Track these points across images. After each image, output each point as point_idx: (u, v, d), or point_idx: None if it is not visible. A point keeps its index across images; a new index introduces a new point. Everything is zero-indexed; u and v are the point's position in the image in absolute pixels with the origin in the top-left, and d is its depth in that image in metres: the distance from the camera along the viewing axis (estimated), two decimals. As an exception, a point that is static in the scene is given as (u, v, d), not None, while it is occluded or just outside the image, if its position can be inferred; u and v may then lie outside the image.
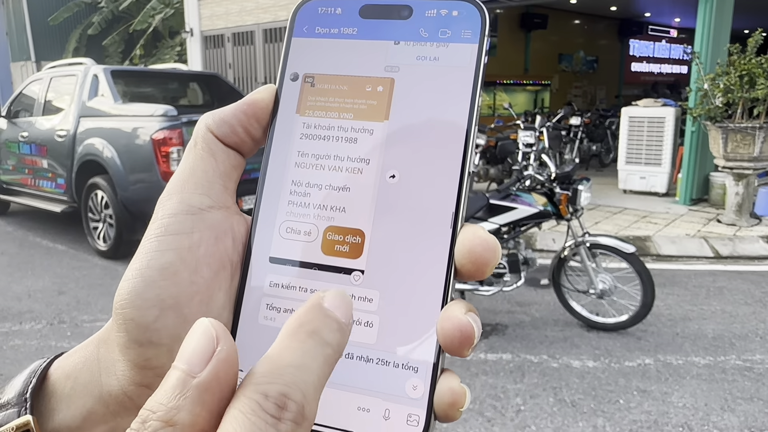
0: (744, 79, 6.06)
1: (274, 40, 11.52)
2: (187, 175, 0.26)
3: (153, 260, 0.24)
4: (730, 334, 3.84)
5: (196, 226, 0.26)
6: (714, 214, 6.82)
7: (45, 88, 6.64)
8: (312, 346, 0.19)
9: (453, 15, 0.27)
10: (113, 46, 18.32)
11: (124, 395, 0.25)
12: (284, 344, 0.19)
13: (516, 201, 3.78)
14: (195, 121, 5.35)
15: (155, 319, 0.24)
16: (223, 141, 0.27)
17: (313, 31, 0.28)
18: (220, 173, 0.27)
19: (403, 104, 0.26)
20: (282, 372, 0.18)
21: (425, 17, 0.27)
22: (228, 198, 0.27)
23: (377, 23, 0.27)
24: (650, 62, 17.56)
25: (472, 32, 0.27)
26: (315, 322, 0.20)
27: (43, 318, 4.25)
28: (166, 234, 0.25)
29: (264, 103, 0.27)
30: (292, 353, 0.19)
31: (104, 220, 5.82)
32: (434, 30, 0.27)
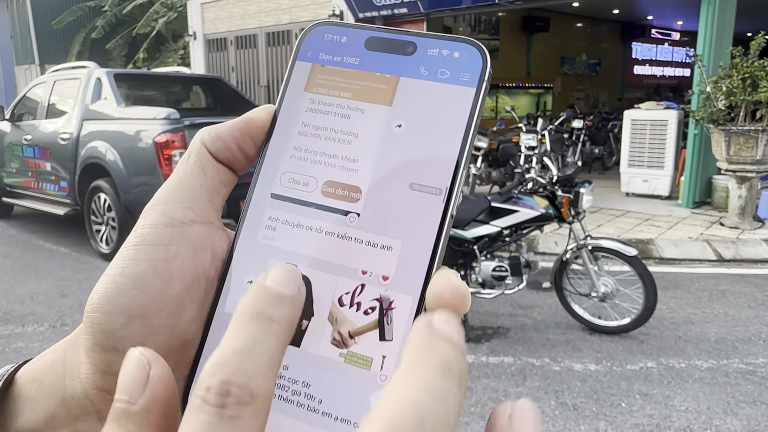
0: (747, 82, 6.05)
1: (277, 43, 11.55)
2: (174, 188, 0.27)
3: (127, 268, 0.25)
4: (733, 337, 3.83)
5: (175, 239, 0.26)
6: (717, 217, 6.81)
7: (48, 92, 6.67)
8: (256, 328, 0.19)
9: (454, 56, 0.27)
10: (116, 49, 18.37)
11: (86, 399, 0.26)
12: (229, 333, 0.19)
13: (518, 204, 3.78)
14: (198, 124, 5.40)
15: (121, 326, 0.25)
16: (215, 156, 0.27)
17: (317, 57, 0.28)
18: (207, 188, 0.27)
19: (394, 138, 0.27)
20: (224, 361, 0.18)
21: (427, 56, 0.27)
22: (212, 213, 0.27)
23: (381, 56, 0.28)
24: (653, 65, 17.55)
25: (471, 76, 0.27)
26: (257, 304, 0.20)
27: (45, 320, 4.26)
28: (143, 244, 0.25)
29: (261, 122, 0.28)
30: (235, 341, 0.19)
31: (107, 222, 5.83)
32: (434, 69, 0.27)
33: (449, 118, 0.26)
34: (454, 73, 0.27)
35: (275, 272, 0.21)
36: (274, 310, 0.20)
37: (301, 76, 0.29)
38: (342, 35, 0.28)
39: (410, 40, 0.28)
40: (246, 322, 0.19)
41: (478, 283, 3.83)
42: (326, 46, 0.29)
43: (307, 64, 0.29)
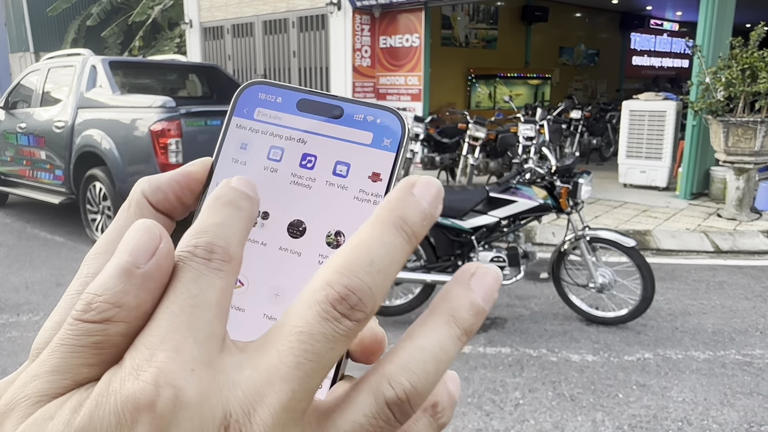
0: (746, 73, 6.03)
1: (274, 31, 11.47)
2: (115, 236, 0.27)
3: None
4: (730, 328, 3.83)
5: None
6: (714, 209, 6.81)
7: (43, 79, 6.61)
8: (229, 211, 0.23)
9: (377, 122, 0.29)
10: (112, 37, 18.25)
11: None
12: (205, 213, 0.23)
13: (516, 194, 3.76)
14: (193, 112, 5.36)
15: None
16: (155, 206, 0.29)
17: (252, 114, 0.30)
18: None
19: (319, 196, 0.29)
20: (206, 230, 0.22)
21: (353, 120, 0.29)
22: None
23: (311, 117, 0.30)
24: (651, 56, 17.51)
25: (392, 141, 0.29)
26: (228, 195, 0.23)
27: (40, 310, 4.24)
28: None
29: (198, 175, 0.29)
30: (212, 217, 0.22)
31: (102, 211, 5.80)
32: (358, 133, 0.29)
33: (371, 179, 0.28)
34: (377, 138, 0.29)
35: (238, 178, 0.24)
36: (242, 202, 0.23)
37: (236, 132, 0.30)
38: (276, 95, 0.30)
39: (337, 104, 0.30)
40: (221, 206, 0.23)
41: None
42: (261, 104, 0.30)
43: (243, 120, 0.30)
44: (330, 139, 0.29)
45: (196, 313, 0.20)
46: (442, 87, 11.16)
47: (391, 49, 10.16)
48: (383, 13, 10.10)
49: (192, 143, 5.33)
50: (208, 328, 0.20)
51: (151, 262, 0.21)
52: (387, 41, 10.19)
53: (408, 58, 9.96)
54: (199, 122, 5.42)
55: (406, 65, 10.01)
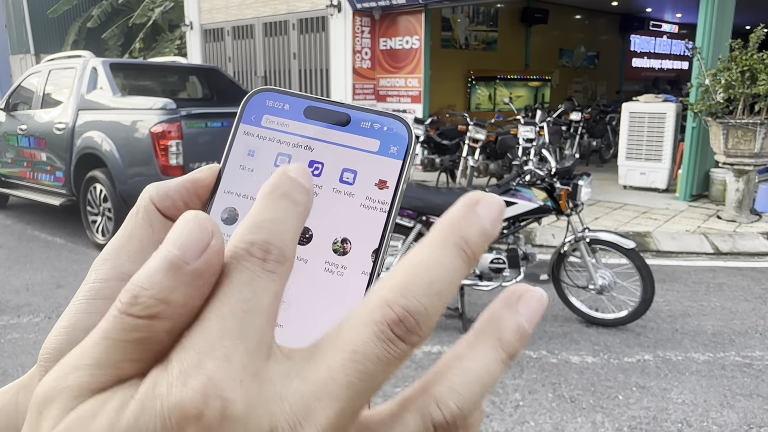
0: (745, 75, 6.04)
1: (274, 33, 11.49)
2: (123, 242, 0.28)
3: (80, 321, 0.26)
4: (730, 330, 3.83)
5: None
6: (714, 211, 6.81)
7: (44, 81, 6.62)
8: (285, 205, 0.22)
9: (384, 130, 0.29)
10: (113, 39, 18.26)
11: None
12: (261, 204, 0.22)
13: (516, 196, 3.77)
14: (194, 114, 5.37)
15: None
16: (163, 213, 0.29)
17: (259, 122, 0.30)
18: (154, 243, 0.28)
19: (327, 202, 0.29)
20: (262, 225, 0.21)
21: (360, 128, 0.29)
22: None
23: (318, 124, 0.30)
24: (651, 58, 17.52)
25: (399, 149, 0.29)
26: (284, 186, 0.22)
27: (41, 311, 4.24)
28: (95, 298, 0.27)
29: (206, 182, 0.30)
30: (268, 211, 0.22)
31: (103, 213, 5.81)
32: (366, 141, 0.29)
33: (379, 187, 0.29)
34: (384, 146, 0.29)
35: (294, 167, 0.23)
36: (299, 195, 0.22)
37: (244, 139, 0.31)
38: (284, 102, 0.31)
39: (345, 111, 0.30)
40: (276, 199, 0.22)
41: (475, 275, 3.83)
42: (268, 111, 0.31)
43: (250, 127, 0.31)
44: (337, 146, 0.29)
45: (248, 319, 0.20)
46: (442, 89, 11.17)
47: (391, 51, 10.18)
48: (383, 15, 10.11)
49: (192, 145, 5.33)
50: (258, 336, 0.20)
51: (201, 258, 0.20)
52: (387, 43, 10.20)
53: (408, 60, 9.97)
54: (199, 124, 5.43)
55: (406, 67, 10.02)
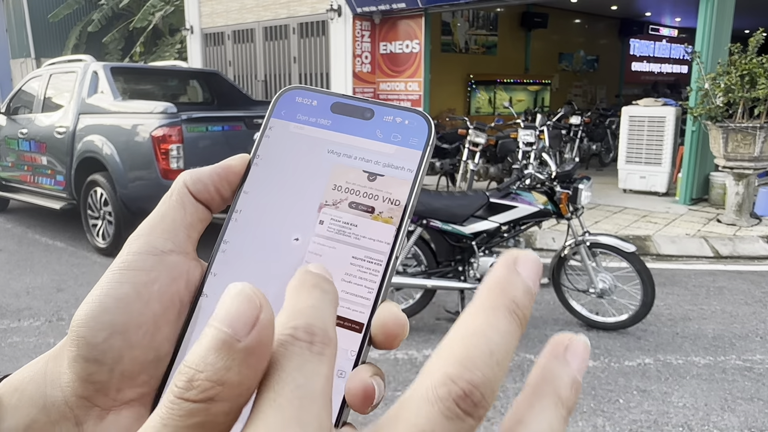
0: (745, 79, 6.05)
1: (275, 37, 11.51)
2: (157, 221, 0.31)
3: (112, 290, 0.28)
4: (730, 334, 3.83)
5: (156, 266, 0.29)
6: (714, 214, 6.82)
7: (44, 85, 6.63)
8: (318, 294, 0.23)
9: (405, 123, 0.31)
10: (113, 43, 18.29)
11: (65, 405, 0.28)
12: (294, 297, 0.23)
13: (516, 199, 3.77)
14: (195, 118, 5.39)
15: (103, 340, 0.28)
16: (195, 196, 0.31)
17: (289, 116, 0.33)
18: (186, 224, 0.31)
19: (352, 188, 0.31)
20: (302, 311, 0.22)
21: (383, 121, 0.32)
22: (189, 245, 0.31)
23: (343, 119, 0.32)
24: (651, 62, 17.55)
25: (419, 140, 0.31)
26: (312, 279, 0.23)
27: (41, 315, 4.24)
28: (127, 269, 0.29)
29: (237, 168, 0.32)
30: (303, 300, 0.22)
31: (103, 217, 5.81)
32: (388, 133, 0.31)
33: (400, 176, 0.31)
34: (405, 138, 0.31)
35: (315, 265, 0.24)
36: (327, 285, 0.23)
37: (274, 131, 0.33)
38: (312, 99, 0.33)
39: (369, 107, 0.32)
40: (309, 289, 0.23)
41: (476, 278, 3.83)
42: (298, 107, 0.33)
43: (280, 122, 0.33)
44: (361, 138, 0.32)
45: (304, 405, 0.19)
46: (442, 93, 11.19)
47: (392, 55, 10.19)
48: (383, 19, 10.13)
49: (193, 149, 5.34)
50: (317, 422, 0.19)
51: (252, 334, 0.19)
52: (387, 47, 10.22)
53: (408, 64, 9.99)
54: (200, 128, 5.44)
55: (406, 71, 10.04)
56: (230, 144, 5.63)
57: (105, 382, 0.28)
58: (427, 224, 3.77)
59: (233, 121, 5.75)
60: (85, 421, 0.28)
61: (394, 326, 0.28)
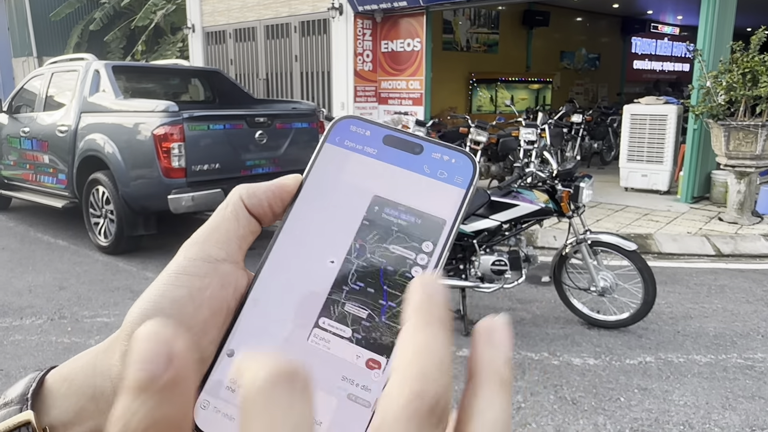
0: (747, 77, 6.04)
1: (276, 36, 11.51)
2: (212, 230, 0.32)
3: (168, 291, 0.30)
4: (732, 332, 3.83)
5: (209, 273, 0.31)
6: (715, 212, 6.81)
7: (46, 84, 6.64)
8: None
9: (452, 162, 0.33)
10: (115, 42, 18.30)
11: (113, 395, 0.30)
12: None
13: (517, 198, 3.77)
14: (196, 116, 5.39)
15: None
16: (249, 210, 0.33)
17: (343, 143, 0.34)
18: (239, 235, 0.33)
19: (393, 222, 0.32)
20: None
21: (431, 157, 0.33)
22: (239, 255, 0.33)
23: (394, 151, 0.34)
24: (652, 60, 17.53)
25: (463, 179, 0.33)
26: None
27: (43, 313, 4.25)
28: (184, 273, 0.31)
29: (290, 188, 0.34)
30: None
31: (105, 215, 5.82)
32: (435, 169, 0.33)
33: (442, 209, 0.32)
34: (450, 175, 0.33)
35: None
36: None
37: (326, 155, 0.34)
38: (366, 129, 0.34)
39: (419, 142, 0.34)
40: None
41: (477, 277, 3.83)
42: (351, 135, 0.34)
43: (333, 147, 0.34)
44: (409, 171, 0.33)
45: None
46: (443, 91, 11.18)
47: (393, 54, 10.19)
48: (385, 18, 10.12)
49: (195, 147, 5.35)
50: None
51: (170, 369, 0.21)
52: (388, 45, 10.22)
53: (409, 62, 9.99)
54: (201, 126, 5.44)
55: (407, 69, 10.04)
56: (232, 142, 5.63)
57: None
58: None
59: (235, 119, 5.75)
60: None
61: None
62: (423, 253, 0.31)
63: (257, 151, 5.83)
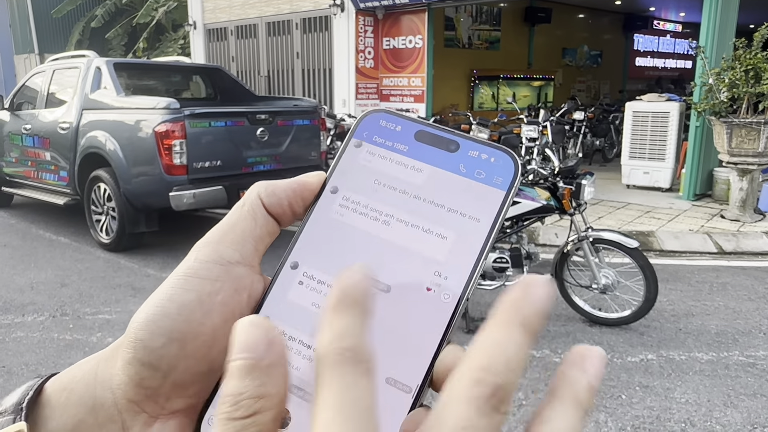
0: (749, 74, 6.03)
1: (277, 33, 11.49)
2: (227, 230, 0.30)
3: (176, 295, 0.28)
4: (734, 330, 3.83)
5: (221, 276, 0.29)
6: (718, 210, 6.80)
7: (48, 81, 6.64)
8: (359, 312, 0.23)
9: (491, 161, 0.30)
10: (116, 38, 18.29)
11: (114, 408, 0.29)
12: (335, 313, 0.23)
13: (519, 195, 3.76)
14: (197, 114, 5.39)
15: (161, 345, 0.28)
16: (268, 209, 0.31)
17: (371, 138, 0.32)
18: (255, 236, 0.31)
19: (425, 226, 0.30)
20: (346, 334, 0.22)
21: (467, 155, 0.31)
22: (255, 258, 0.31)
23: (426, 148, 0.31)
24: (654, 57, 17.49)
25: (503, 180, 0.30)
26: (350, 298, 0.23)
27: (45, 310, 4.26)
28: (194, 276, 0.29)
29: (312, 186, 0.31)
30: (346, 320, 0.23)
31: (107, 212, 5.82)
32: (472, 168, 0.30)
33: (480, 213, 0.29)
34: (489, 175, 0.30)
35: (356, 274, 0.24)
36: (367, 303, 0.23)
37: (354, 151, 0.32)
38: (396, 124, 0.32)
39: (454, 139, 0.31)
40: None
41: (478, 274, 3.82)
42: (381, 130, 0.32)
43: (362, 143, 0.32)
44: (443, 170, 0.31)
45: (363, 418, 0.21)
46: (445, 88, 11.17)
47: (395, 51, 10.18)
48: (386, 15, 10.11)
49: (196, 144, 5.34)
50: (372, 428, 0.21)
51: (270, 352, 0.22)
52: (390, 42, 10.21)
53: (411, 59, 9.97)
54: (203, 123, 5.44)
55: (409, 66, 10.02)
56: (233, 140, 5.63)
57: (156, 388, 0.28)
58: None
59: (236, 116, 5.74)
60: (132, 427, 0.28)
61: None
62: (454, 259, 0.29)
63: (259, 148, 5.83)
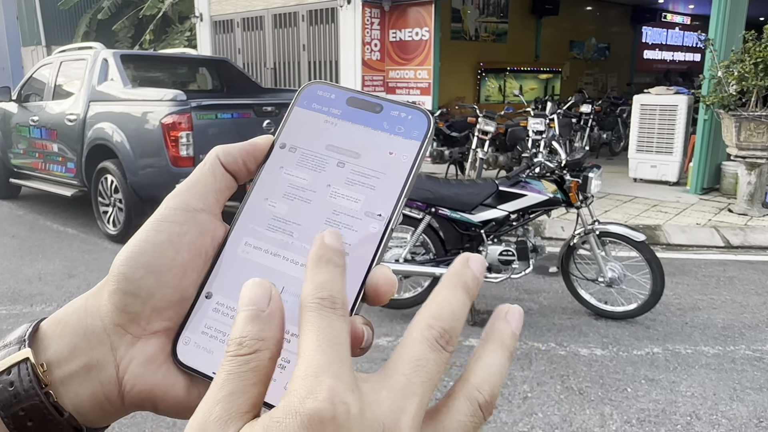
0: (759, 67, 5.98)
1: (284, 25, 11.47)
2: (191, 185, 0.36)
3: (150, 236, 0.34)
4: (740, 323, 3.81)
5: (188, 221, 0.35)
6: (725, 204, 6.77)
7: (55, 73, 6.65)
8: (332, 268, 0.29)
9: (408, 118, 0.37)
10: (123, 30, 18.29)
11: (103, 332, 0.34)
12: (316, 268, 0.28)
13: (526, 188, 3.76)
14: (204, 105, 5.41)
15: (140, 277, 0.34)
16: (225, 167, 0.37)
17: (311, 105, 0.38)
18: (215, 189, 0.37)
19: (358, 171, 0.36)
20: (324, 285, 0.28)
21: (390, 115, 0.37)
22: (216, 208, 0.37)
23: (356, 111, 0.37)
24: (663, 50, 17.35)
25: (419, 133, 0.36)
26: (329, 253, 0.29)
27: (53, 301, 4.29)
28: (164, 221, 0.35)
29: (263, 146, 0.38)
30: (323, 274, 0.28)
31: (114, 204, 5.84)
32: (393, 125, 0.36)
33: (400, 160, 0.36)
34: (408, 130, 0.36)
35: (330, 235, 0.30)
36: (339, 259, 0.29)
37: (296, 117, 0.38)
38: (331, 93, 0.38)
39: (379, 102, 0.37)
40: (325, 264, 0.29)
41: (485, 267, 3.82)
42: (318, 99, 0.38)
43: (302, 110, 0.38)
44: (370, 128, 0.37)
45: (339, 349, 0.26)
46: (451, 81, 11.13)
47: (401, 43, 10.14)
48: (393, 7, 10.07)
49: (203, 136, 5.35)
50: (348, 361, 0.26)
51: (270, 305, 0.27)
52: (397, 35, 10.17)
53: (417, 51, 9.94)
54: (209, 115, 5.44)
55: (415, 59, 9.99)
56: (239, 131, 5.64)
57: (138, 312, 0.34)
58: (435, 212, 3.77)
59: (242, 108, 5.75)
60: (119, 347, 0.34)
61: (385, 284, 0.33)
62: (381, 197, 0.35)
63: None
